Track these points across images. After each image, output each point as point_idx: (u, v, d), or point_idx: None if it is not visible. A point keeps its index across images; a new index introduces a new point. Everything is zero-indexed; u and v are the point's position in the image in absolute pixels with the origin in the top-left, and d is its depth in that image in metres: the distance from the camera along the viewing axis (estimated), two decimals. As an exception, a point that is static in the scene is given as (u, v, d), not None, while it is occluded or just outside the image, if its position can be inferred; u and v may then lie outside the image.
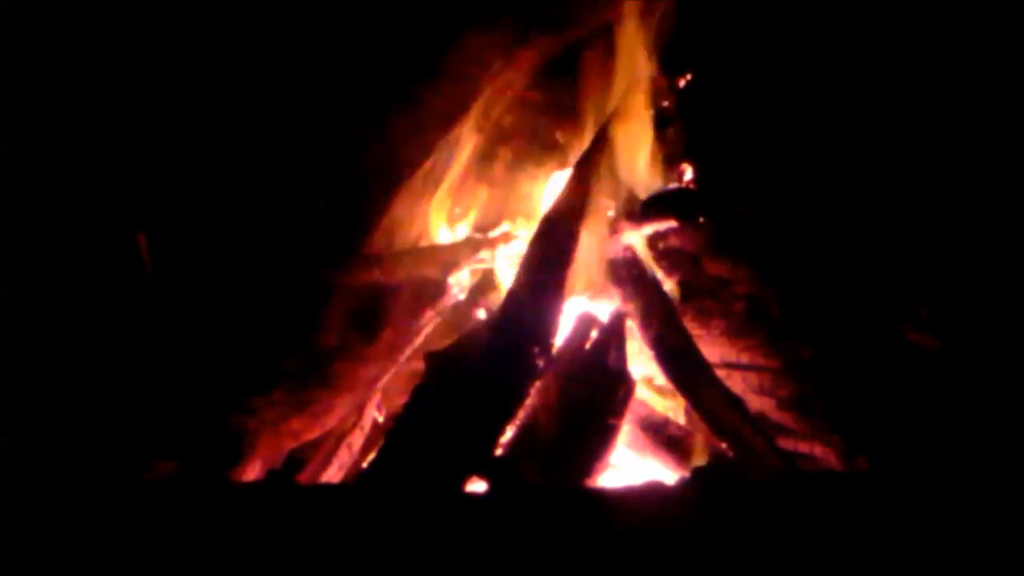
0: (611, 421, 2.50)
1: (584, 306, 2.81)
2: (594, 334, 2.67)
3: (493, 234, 3.12)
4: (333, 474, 2.83)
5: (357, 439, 2.91)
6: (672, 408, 2.82)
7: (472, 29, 3.10)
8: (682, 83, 3.18)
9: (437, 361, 2.57)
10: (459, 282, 3.02)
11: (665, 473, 2.62)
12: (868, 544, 1.79)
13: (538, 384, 2.50)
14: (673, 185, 3.06)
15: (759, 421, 2.62)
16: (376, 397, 2.97)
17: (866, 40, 3.08)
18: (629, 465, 2.71)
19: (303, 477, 2.77)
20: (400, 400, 2.71)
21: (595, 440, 2.45)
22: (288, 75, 3.12)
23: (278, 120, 3.10)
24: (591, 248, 2.84)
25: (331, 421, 2.83)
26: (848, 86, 3.08)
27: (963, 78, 3.01)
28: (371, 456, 2.67)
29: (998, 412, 2.44)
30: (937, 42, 3.03)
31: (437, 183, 3.17)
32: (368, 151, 3.09)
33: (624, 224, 2.94)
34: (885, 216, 2.91)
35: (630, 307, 2.76)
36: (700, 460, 2.58)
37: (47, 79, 3.01)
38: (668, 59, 3.09)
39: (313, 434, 2.81)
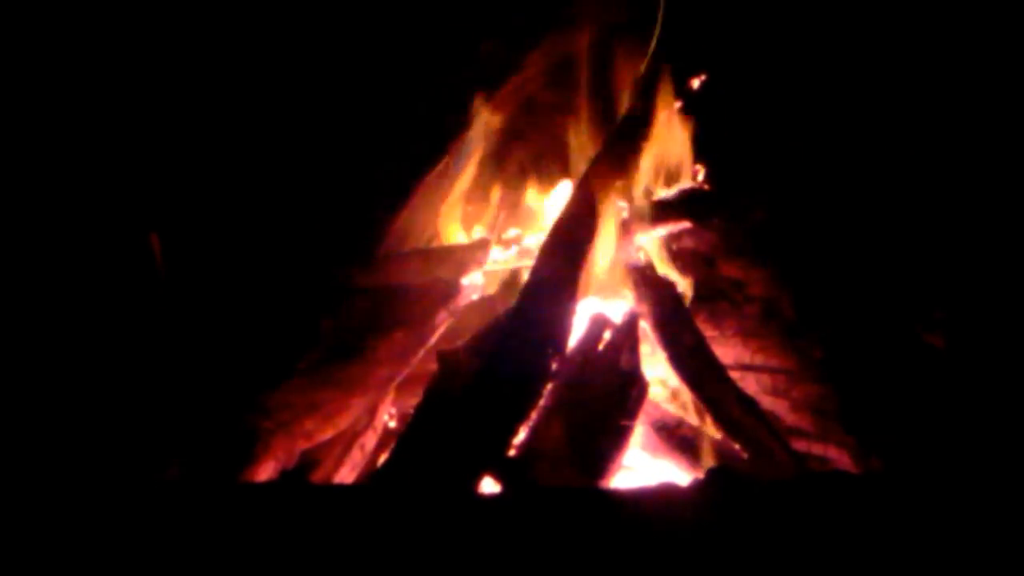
0: (624, 422, 2.49)
1: (597, 307, 2.81)
2: (607, 335, 2.66)
3: (506, 235, 3.12)
4: (346, 475, 2.84)
5: (370, 440, 2.91)
6: (685, 409, 2.81)
7: (485, 34, 3.11)
8: (696, 83, 3.18)
9: (450, 362, 2.57)
10: (472, 283, 3.02)
11: (678, 474, 2.62)
12: (882, 545, 1.78)
13: (551, 385, 2.50)
14: (687, 186, 3.05)
15: (773, 422, 2.61)
16: (389, 398, 2.97)
17: (884, 41, 3.06)
18: (642, 466, 2.70)
19: (316, 478, 2.77)
20: (413, 401, 2.71)
21: (608, 441, 2.44)
22: (304, 76, 3.13)
23: (292, 121, 3.12)
24: (605, 249, 2.83)
25: (344, 422, 2.83)
26: (863, 88, 3.07)
27: (984, 80, 3.00)
28: (384, 457, 2.67)
29: (1012, 413, 2.42)
30: (956, 45, 3.01)
31: (451, 184, 3.17)
32: (382, 152, 3.10)
33: (638, 225, 2.93)
34: (901, 217, 2.90)
35: (644, 308, 2.76)
36: (713, 461, 2.57)
37: (60, 78, 3.03)
38: (682, 59, 3.08)
39: (326, 435, 2.81)
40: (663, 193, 3.03)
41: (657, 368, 2.77)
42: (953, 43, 3.02)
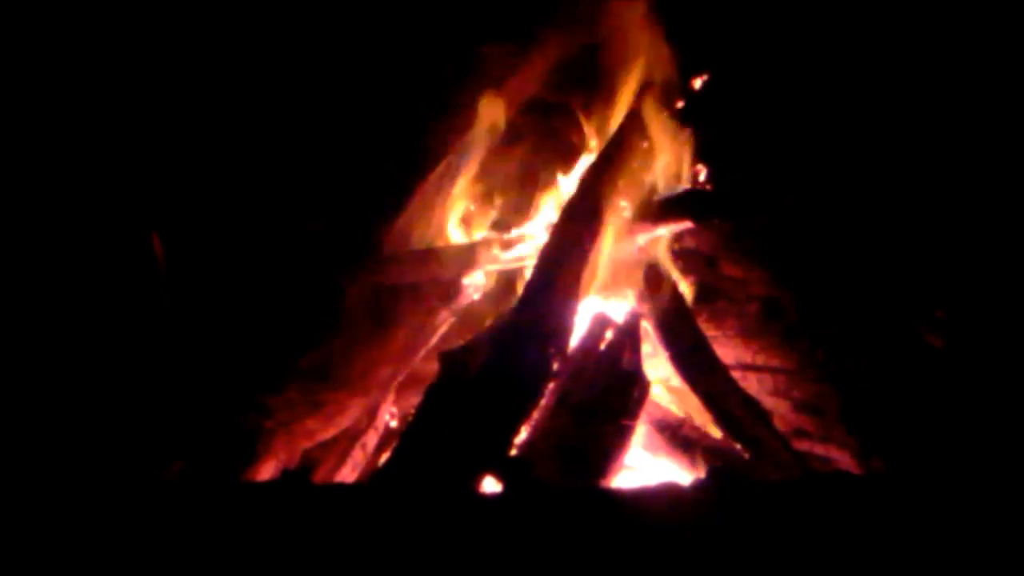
0: (626, 422, 2.49)
1: (599, 306, 2.80)
2: (609, 335, 2.66)
3: (508, 235, 3.11)
4: (347, 474, 2.84)
5: (371, 439, 2.91)
6: (686, 409, 2.81)
7: (489, 34, 3.11)
8: (698, 83, 3.17)
9: (451, 361, 2.57)
10: (474, 282, 3.01)
11: (680, 474, 2.61)
12: (883, 546, 1.78)
13: (553, 384, 2.50)
14: (689, 186, 3.05)
15: (774, 422, 2.61)
16: (390, 397, 2.97)
17: (885, 42, 3.06)
18: (644, 466, 2.70)
19: (317, 477, 2.77)
20: (414, 401, 2.71)
21: (610, 441, 2.44)
22: (305, 76, 3.13)
23: (293, 121, 3.12)
24: (607, 249, 2.83)
25: (345, 421, 2.83)
26: (864, 89, 3.07)
27: (983, 81, 2.99)
28: (385, 456, 2.67)
29: (1012, 413, 2.42)
30: (956, 45, 3.01)
31: (451, 184, 3.17)
32: (384, 151, 3.10)
33: (640, 225, 2.93)
34: (901, 217, 2.90)
35: (645, 308, 2.76)
36: (715, 461, 2.57)
37: (60, 78, 3.03)
38: (684, 60, 3.08)
39: (327, 434, 2.81)
40: (664, 193, 3.02)
41: (659, 368, 2.77)
42: (953, 44, 3.02)
